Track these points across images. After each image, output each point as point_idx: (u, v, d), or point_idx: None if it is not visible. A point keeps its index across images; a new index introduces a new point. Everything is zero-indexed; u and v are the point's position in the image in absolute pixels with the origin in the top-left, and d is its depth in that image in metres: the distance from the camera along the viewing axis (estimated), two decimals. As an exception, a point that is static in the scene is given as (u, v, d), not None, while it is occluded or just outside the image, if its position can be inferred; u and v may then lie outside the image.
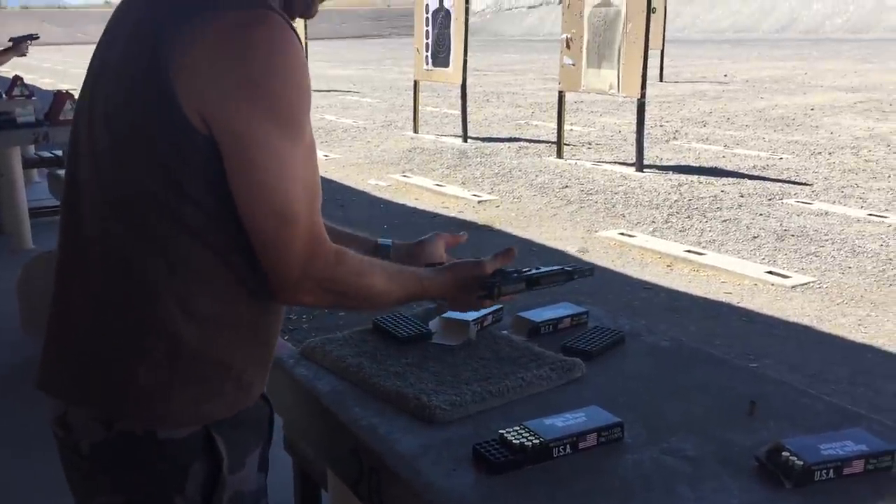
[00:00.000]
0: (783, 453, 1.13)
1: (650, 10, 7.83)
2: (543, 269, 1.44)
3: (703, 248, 5.45)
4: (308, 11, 1.20)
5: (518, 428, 1.21)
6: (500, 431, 1.21)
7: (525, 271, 1.41)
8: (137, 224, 1.06)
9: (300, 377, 1.50)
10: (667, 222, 6.12)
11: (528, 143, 9.96)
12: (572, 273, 1.45)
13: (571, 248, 5.53)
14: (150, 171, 1.05)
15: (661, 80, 17.89)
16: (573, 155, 9.03)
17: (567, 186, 7.45)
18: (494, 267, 1.39)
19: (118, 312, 1.08)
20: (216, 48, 1.00)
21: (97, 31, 1.23)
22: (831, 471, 1.11)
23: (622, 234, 5.86)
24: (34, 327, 3.84)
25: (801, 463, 1.11)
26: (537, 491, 1.12)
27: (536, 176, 7.96)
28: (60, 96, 5.51)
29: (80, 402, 1.11)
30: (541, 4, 69.61)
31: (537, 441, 1.18)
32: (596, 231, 5.97)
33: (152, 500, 1.10)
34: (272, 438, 1.25)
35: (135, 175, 1.06)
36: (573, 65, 8.56)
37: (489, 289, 1.36)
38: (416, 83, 11.04)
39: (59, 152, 6.44)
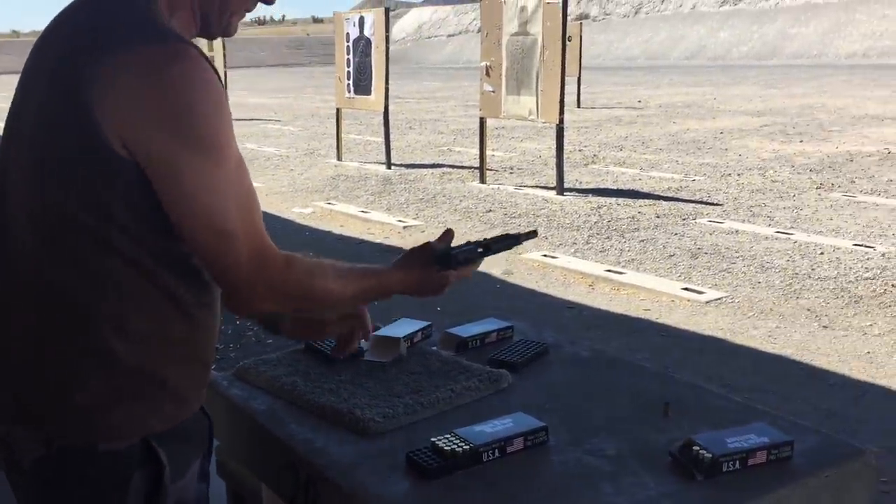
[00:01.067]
0: (694, 448, 1.22)
1: (565, 38, 8.08)
2: (491, 237, 1.48)
3: (623, 267, 5.63)
4: (227, 32, 1.24)
5: (449, 435, 1.27)
6: (432, 439, 1.27)
7: (474, 242, 1.45)
8: (65, 249, 1.09)
9: (234, 397, 1.53)
10: (587, 243, 6.30)
11: (451, 169, 10.10)
12: (518, 236, 1.49)
13: (496, 271, 5.64)
14: (75, 196, 1.08)
15: (578, 105, 18.38)
16: (496, 180, 9.20)
17: (490, 210, 7.58)
18: (440, 247, 1.42)
19: (53, 336, 1.11)
20: (137, 83, 1.04)
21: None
22: (737, 462, 1.21)
23: (545, 255, 6.00)
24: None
25: (710, 456, 1.20)
26: (469, 494, 1.18)
27: (460, 201, 8.08)
28: None
29: (19, 422, 1.13)
30: (460, 33, 70.64)
31: (467, 447, 1.25)
32: (520, 253, 6.09)
33: None
34: (212, 450, 1.28)
35: (59, 201, 1.08)
36: (493, 92, 8.75)
37: (445, 259, 1.37)
38: (338, 111, 11.09)
39: None
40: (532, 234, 1.55)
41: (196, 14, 1.18)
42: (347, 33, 10.59)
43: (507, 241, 1.49)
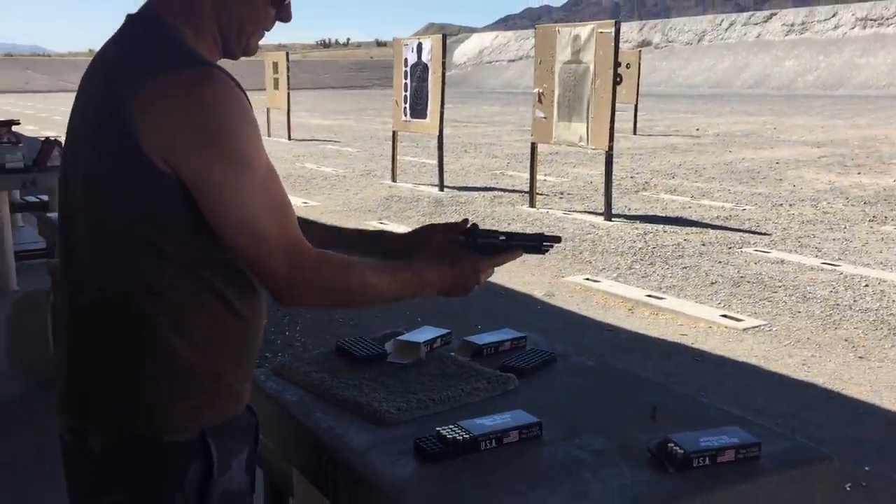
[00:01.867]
0: (669, 444, 1.36)
1: (617, 66, 8.22)
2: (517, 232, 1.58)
3: (664, 292, 5.72)
4: (247, 52, 1.40)
5: (452, 426, 1.44)
6: (437, 428, 1.43)
7: (499, 231, 1.58)
8: (124, 259, 1.24)
9: (269, 389, 1.72)
10: (630, 268, 6.40)
11: (502, 193, 10.28)
12: (541, 237, 1.58)
13: (538, 293, 5.78)
14: (127, 210, 1.22)
15: (634, 132, 18.41)
16: (545, 204, 9.34)
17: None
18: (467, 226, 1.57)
19: (118, 339, 1.26)
20: (172, 104, 1.19)
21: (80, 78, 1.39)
22: (707, 458, 1.35)
23: (587, 279, 6.12)
24: (21, 364, 4.02)
25: (682, 451, 1.34)
26: (466, 476, 1.34)
27: (509, 224, 8.24)
28: (48, 144, 5.75)
29: (90, 417, 1.29)
30: (520, 58, 70.99)
31: (467, 436, 1.41)
32: (563, 276, 6.23)
33: (155, 497, 1.28)
34: (258, 444, 1.45)
35: (113, 215, 1.23)
36: (545, 118, 8.92)
37: (466, 240, 1.51)
38: (394, 133, 11.39)
39: (45, 197, 6.65)
40: (556, 239, 1.61)
41: (217, 39, 1.34)
42: (406, 59, 10.90)
43: (528, 239, 1.59)
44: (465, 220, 1.64)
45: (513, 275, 6.25)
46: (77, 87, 1.37)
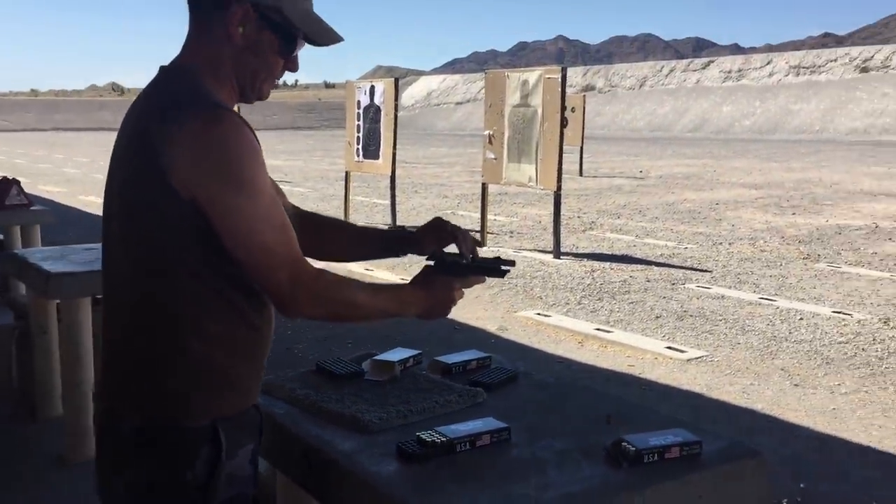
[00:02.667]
0: (622, 444, 1.55)
1: (563, 110, 8.56)
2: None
3: (612, 326, 5.97)
4: (261, 97, 1.61)
5: (430, 431, 1.61)
6: (417, 433, 1.60)
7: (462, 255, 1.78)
8: (154, 270, 1.44)
9: (259, 404, 1.86)
10: (579, 304, 6.64)
11: (453, 232, 10.49)
12: (498, 260, 1.78)
13: (491, 327, 5.98)
14: (157, 230, 1.43)
15: (580, 174, 18.90)
16: (496, 243, 9.59)
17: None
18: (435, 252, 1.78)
19: (148, 338, 1.46)
20: (191, 142, 1.39)
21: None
22: (656, 455, 1.54)
23: (539, 314, 6.34)
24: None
25: (634, 449, 1.53)
26: (444, 474, 1.51)
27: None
28: (6, 183, 5.80)
29: (124, 399, 1.49)
30: (468, 101, 72.09)
31: (444, 439, 1.58)
32: (515, 311, 6.44)
33: (169, 472, 1.45)
34: (262, 440, 1.61)
35: (146, 234, 1.44)
36: (495, 159, 9.21)
37: (436, 263, 1.72)
38: (347, 174, 11.56)
39: (1, 236, 6.65)
40: (511, 263, 1.80)
41: (235, 86, 1.55)
42: (359, 101, 11.12)
43: (489, 262, 1.79)
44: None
45: (466, 310, 6.44)
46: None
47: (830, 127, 49.95)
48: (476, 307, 6.51)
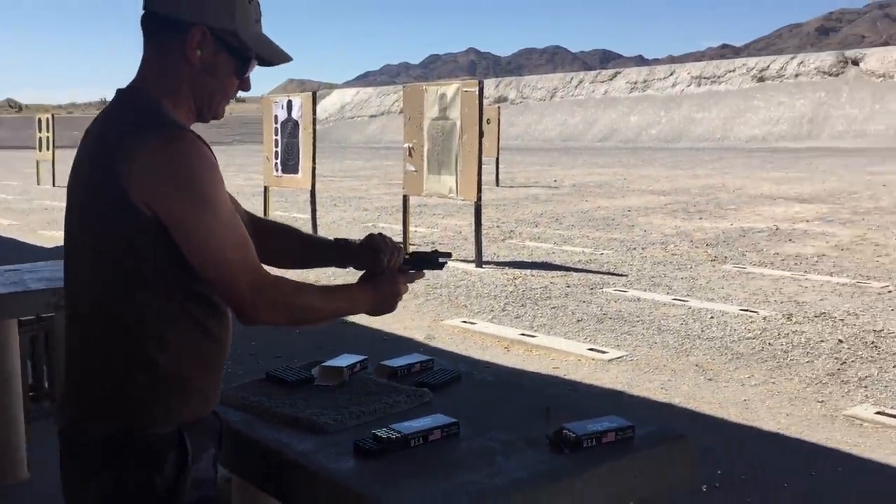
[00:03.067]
0: (563, 431, 1.68)
1: (482, 123, 8.76)
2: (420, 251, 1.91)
3: (535, 331, 6.16)
4: (216, 116, 1.69)
5: (385, 428, 1.70)
6: (373, 431, 1.70)
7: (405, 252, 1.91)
8: (116, 285, 1.50)
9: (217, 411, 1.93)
10: (504, 310, 6.82)
11: (375, 244, 10.56)
12: (437, 253, 1.94)
13: (419, 336, 6.09)
14: (117, 246, 1.48)
15: (497, 184, 19.24)
16: (418, 254, 9.70)
17: (413, 282, 8.05)
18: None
19: (112, 351, 1.52)
20: (151, 159, 1.46)
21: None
22: (594, 440, 1.67)
23: (465, 321, 6.49)
24: None
25: (574, 435, 1.66)
26: (400, 468, 1.61)
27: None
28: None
29: (86, 410, 1.53)
30: (382, 114, 72.19)
31: (399, 435, 1.68)
32: (441, 320, 6.57)
33: (138, 478, 1.51)
34: (222, 445, 1.69)
35: (106, 249, 1.49)
36: (415, 171, 9.34)
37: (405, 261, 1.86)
38: (266, 189, 11.51)
39: None
40: (448, 255, 1.97)
41: (192, 107, 1.63)
42: (276, 115, 11.10)
43: (428, 256, 1.94)
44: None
45: (394, 320, 6.53)
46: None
47: (731, 135, 52.10)
48: (403, 316, 6.61)
